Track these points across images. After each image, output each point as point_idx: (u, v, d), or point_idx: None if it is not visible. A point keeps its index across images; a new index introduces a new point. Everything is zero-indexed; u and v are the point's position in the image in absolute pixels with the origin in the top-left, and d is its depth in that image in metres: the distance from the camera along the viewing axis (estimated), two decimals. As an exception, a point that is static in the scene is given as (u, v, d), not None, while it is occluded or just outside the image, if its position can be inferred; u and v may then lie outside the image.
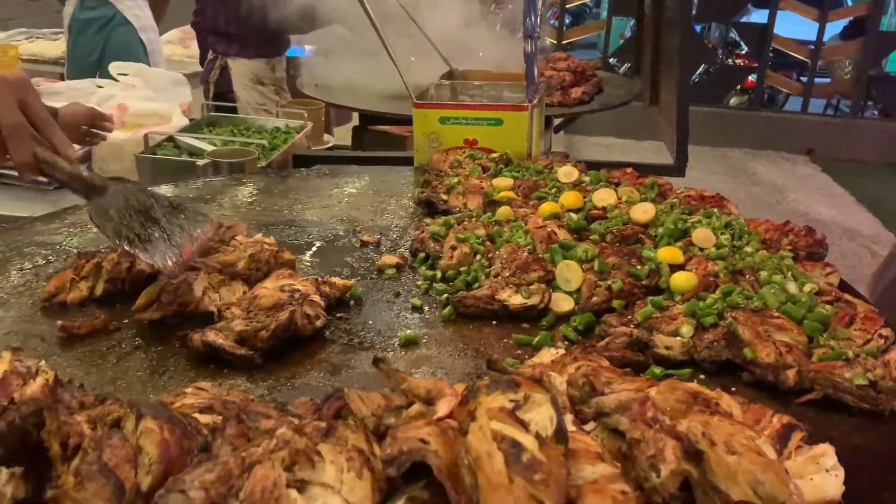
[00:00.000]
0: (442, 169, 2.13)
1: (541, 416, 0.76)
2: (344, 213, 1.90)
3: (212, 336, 1.20)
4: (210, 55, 4.18)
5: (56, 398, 0.86)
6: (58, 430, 0.71)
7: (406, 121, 3.77)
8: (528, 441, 0.72)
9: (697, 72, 9.21)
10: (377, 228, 1.81)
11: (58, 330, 1.28)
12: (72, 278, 1.40)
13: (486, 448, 0.71)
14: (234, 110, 3.49)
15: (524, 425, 0.74)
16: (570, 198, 1.76)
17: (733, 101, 9.45)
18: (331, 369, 1.22)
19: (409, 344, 1.29)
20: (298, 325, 1.24)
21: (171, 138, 2.87)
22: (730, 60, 9.70)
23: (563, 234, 1.61)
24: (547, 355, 1.14)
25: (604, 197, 1.76)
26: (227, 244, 1.49)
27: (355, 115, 3.99)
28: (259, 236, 1.53)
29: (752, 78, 9.30)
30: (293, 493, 0.68)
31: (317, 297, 1.32)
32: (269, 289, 1.34)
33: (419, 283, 1.52)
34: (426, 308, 1.43)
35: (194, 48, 5.46)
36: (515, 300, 1.37)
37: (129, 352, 1.25)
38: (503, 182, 1.92)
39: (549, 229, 1.60)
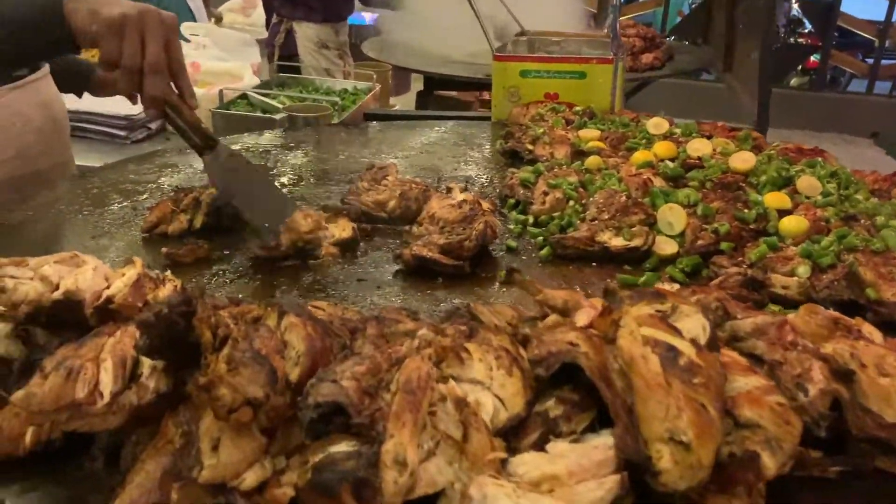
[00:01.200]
0: (523, 123, 2.10)
1: (692, 324, 0.73)
2: (426, 163, 1.89)
3: (422, 250, 1.25)
4: (275, 19, 4.19)
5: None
6: (208, 318, 0.71)
7: (474, 85, 3.75)
8: (684, 346, 0.69)
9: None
10: (461, 178, 1.79)
11: (163, 258, 1.28)
12: (171, 210, 1.41)
13: (640, 351, 0.69)
14: (298, 71, 3.50)
15: (677, 332, 0.71)
16: (663, 147, 1.72)
17: (794, 81, 9.18)
18: (434, 300, 1.21)
19: (510, 283, 1.27)
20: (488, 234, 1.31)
21: (244, 95, 2.88)
22: (792, 39, 9.42)
23: (658, 182, 1.57)
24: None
25: (699, 147, 1.71)
26: (378, 184, 1.52)
27: (417, 82, 3.98)
28: (408, 177, 1.56)
29: (814, 58, 9.03)
30: (448, 384, 0.67)
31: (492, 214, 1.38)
32: (444, 207, 1.40)
33: (510, 226, 1.50)
34: (521, 249, 1.41)
35: (255, 16, 5.49)
36: (617, 242, 1.34)
37: (234, 279, 1.25)
38: (590, 133, 1.88)
39: (645, 176, 1.56)
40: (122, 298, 0.82)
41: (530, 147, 1.84)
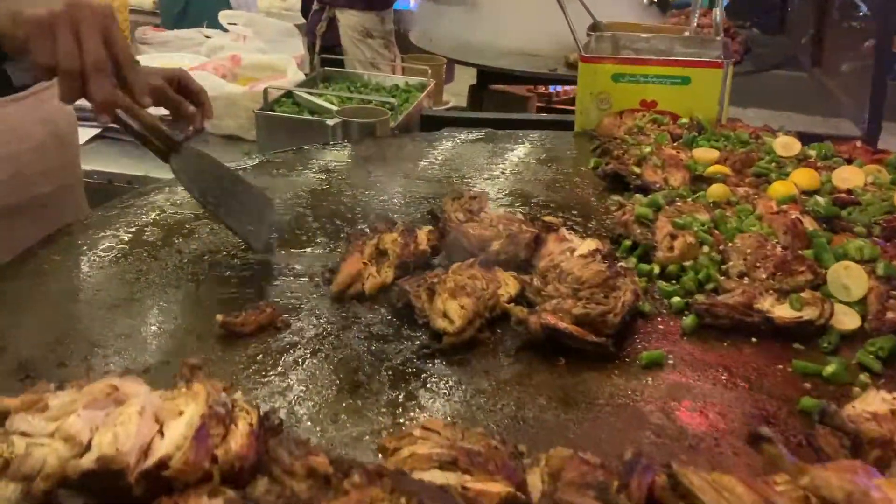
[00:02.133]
0: (616, 136, 1.82)
1: None
2: (512, 186, 1.62)
3: (554, 319, 1.01)
4: (315, 6, 3.92)
5: (270, 454, 0.61)
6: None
7: (532, 79, 3.47)
8: None
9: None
10: (555, 205, 1.52)
11: (217, 326, 1.03)
12: (364, 264, 1.17)
13: None
14: (341, 64, 3.22)
15: None
16: (803, 176, 1.43)
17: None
18: (563, 396, 0.94)
19: (654, 365, 1.00)
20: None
21: (289, 94, 2.62)
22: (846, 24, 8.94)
23: (808, 223, 1.29)
24: (875, 401, 0.83)
25: (848, 177, 1.43)
26: (474, 215, 1.29)
27: (461, 73, 3.69)
28: (502, 211, 1.34)
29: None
30: None
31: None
32: (573, 260, 1.14)
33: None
34: (653, 312, 1.14)
35: (291, 0, 5.22)
36: (783, 312, 1.07)
37: (306, 356, 1.00)
38: (707, 154, 1.60)
39: (793, 216, 1.28)
40: (180, 462, 0.57)
41: (637, 170, 1.55)
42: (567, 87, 3.57)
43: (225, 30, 3.06)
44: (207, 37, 3.09)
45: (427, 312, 1.07)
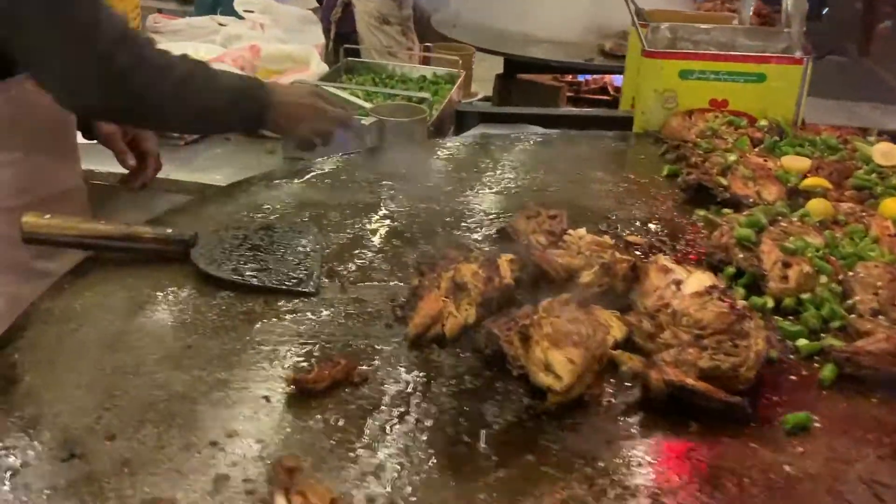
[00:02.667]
0: (687, 139, 1.67)
1: None
2: (578, 199, 1.45)
3: (678, 375, 0.87)
4: (331, -9, 3.73)
5: None
6: None
7: (567, 70, 3.30)
8: None
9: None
10: (630, 221, 1.37)
11: (287, 384, 0.88)
12: (443, 302, 1.02)
13: None
14: (357, 53, 3.04)
15: None
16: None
17: None
18: (706, 475, 0.79)
19: (800, 430, 0.86)
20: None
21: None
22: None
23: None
24: None
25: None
26: (558, 237, 1.16)
27: (483, 63, 3.51)
28: (584, 233, 1.18)
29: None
30: None
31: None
32: (687, 298, 0.99)
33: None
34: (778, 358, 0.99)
35: (303, -17, 5.02)
36: (941, 362, 0.92)
37: (393, 420, 0.85)
38: (798, 162, 1.45)
39: (918, 241, 1.14)
40: None
41: (723, 182, 1.40)
42: (597, 77, 3.39)
43: (240, 17, 2.89)
44: (222, 24, 2.91)
45: (523, 363, 0.92)
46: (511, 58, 3.17)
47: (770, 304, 1.09)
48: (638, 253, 1.22)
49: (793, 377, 0.96)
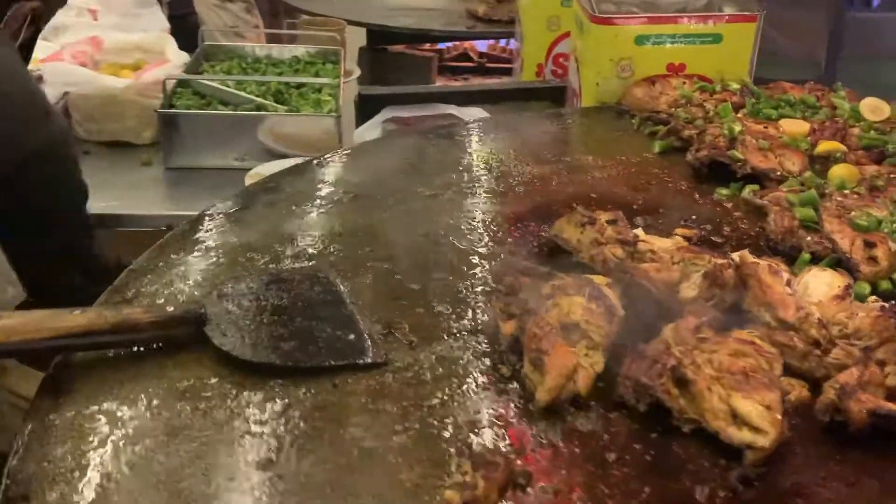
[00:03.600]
0: (657, 109, 1.57)
1: None
2: (583, 188, 1.31)
3: (873, 401, 0.74)
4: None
5: None
6: None
7: (442, 38, 3.11)
8: None
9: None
10: (657, 210, 1.23)
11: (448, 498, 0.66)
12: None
13: None
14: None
15: None
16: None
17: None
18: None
19: None
20: None
21: (184, 83, 2.09)
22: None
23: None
24: None
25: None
26: (632, 246, 0.98)
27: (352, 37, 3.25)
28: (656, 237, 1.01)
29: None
30: None
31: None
32: (832, 304, 0.88)
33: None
34: None
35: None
36: None
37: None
38: (797, 126, 1.39)
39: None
40: None
41: (739, 156, 1.30)
42: (457, 44, 3.24)
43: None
44: (36, 13, 2.40)
45: (697, 416, 0.76)
46: (379, 29, 2.93)
47: (867, 289, 1.01)
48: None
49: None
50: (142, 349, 0.84)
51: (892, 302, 0.95)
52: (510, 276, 0.94)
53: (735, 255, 1.00)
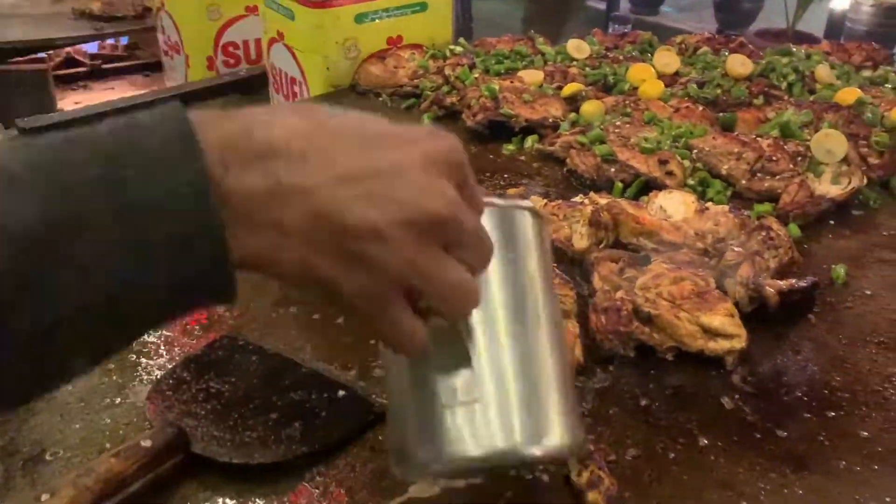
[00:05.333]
0: (400, 83, 1.62)
1: None
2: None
3: (776, 284, 0.89)
4: None
5: None
6: None
7: (55, 47, 2.63)
8: None
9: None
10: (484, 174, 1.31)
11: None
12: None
13: None
14: None
15: None
16: (646, 71, 1.53)
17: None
18: None
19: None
20: None
21: None
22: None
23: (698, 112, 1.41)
24: None
25: (668, 62, 1.58)
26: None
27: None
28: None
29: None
30: None
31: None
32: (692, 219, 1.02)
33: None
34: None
35: None
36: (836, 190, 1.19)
37: None
38: (535, 75, 1.55)
39: (699, 109, 1.40)
40: None
41: (512, 112, 1.42)
42: (59, 50, 2.83)
43: None
44: None
45: (676, 342, 0.88)
46: None
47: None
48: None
49: None
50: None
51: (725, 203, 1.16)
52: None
53: (586, 200, 1.12)
